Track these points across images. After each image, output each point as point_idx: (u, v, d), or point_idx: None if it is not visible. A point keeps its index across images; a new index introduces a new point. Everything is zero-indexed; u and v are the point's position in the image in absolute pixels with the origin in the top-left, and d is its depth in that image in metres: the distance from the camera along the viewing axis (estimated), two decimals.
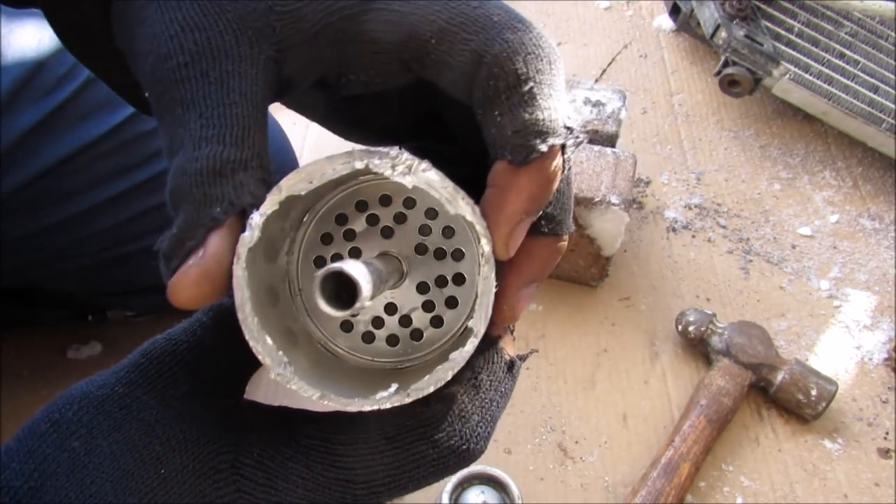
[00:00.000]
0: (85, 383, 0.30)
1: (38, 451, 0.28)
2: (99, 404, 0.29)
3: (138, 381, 0.30)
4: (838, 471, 0.81)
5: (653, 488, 0.76)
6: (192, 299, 0.27)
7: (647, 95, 1.19)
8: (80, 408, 0.29)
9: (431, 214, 0.32)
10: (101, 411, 0.29)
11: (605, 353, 0.90)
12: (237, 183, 0.27)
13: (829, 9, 1.07)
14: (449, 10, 0.29)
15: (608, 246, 0.88)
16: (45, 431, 0.28)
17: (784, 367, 0.83)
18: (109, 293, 0.81)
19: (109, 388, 0.29)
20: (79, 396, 0.29)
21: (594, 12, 1.32)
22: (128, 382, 0.30)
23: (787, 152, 1.12)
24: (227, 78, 0.28)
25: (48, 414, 0.29)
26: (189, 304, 0.27)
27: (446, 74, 0.29)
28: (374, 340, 0.33)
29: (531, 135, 0.28)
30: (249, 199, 0.27)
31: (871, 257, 1.00)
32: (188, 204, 0.27)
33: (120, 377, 0.30)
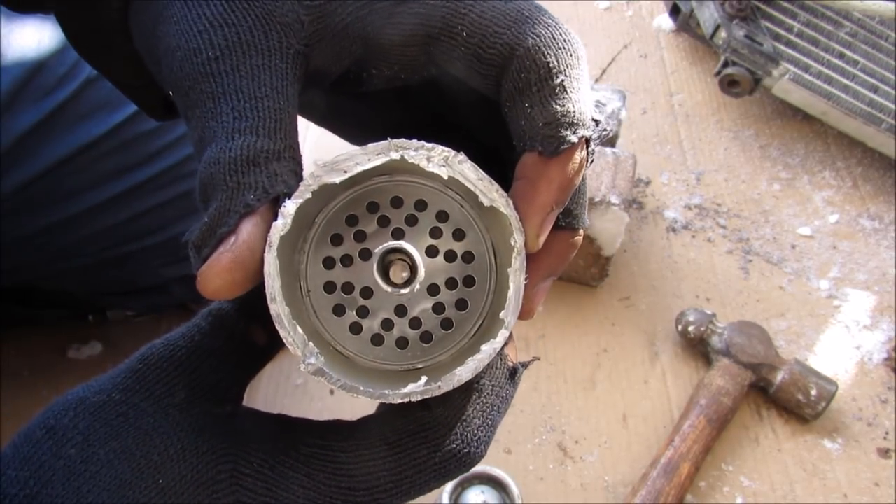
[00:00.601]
0: (81, 388, 0.30)
1: (33, 458, 0.28)
2: (96, 411, 0.29)
3: (136, 387, 0.30)
4: (838, 471, 0.81)
5: (653, 488, 0.76)
6: (222, 288, 0.27)
7: (647, 95, 1.19)
8: (77, 414, 0.28)
9: (442, 217, 0.32)
10: (97, 418, 0.28)
11: (605, 353, 0.90)
12: (271, 172, 0.27)
13: (829, 9, 1.07)
14: (480, 5, 0.29)
15: (608, 246, 0.88)
16: (41, 438, 0.28)
17: (784, 367, 0.83)
18: (110, 293, 0.81)
19: (106, 395, 0.29)
20: (75, 402, 0.29)
21: (594, 12, 1.32)
22: (125, 389, 0.30)
23: (787, 152, 1.12)
24: (259, 72, 0.28)
25: (44, 420, 0.29)
26: (219, 293, 0.27)
27: (475, 67, 0.30)
28: (383, 343, 0.32)
29: (562, 126, 0.28)
30: (283, 188, 0.28)
31: (871, 257, 1.00)
32: (221, 192, 0.27)
33: (117, 383, 0.30)
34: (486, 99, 0.32)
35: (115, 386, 0.30)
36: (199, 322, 0.33)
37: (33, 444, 0.28)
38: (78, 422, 0.28)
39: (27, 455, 0.28)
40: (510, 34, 0.29)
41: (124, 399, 0.29)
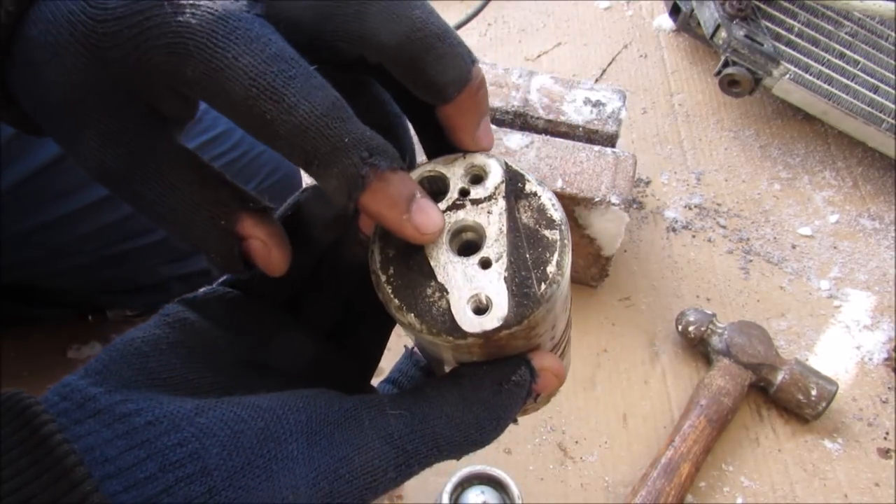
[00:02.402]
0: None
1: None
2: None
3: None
4: (838, 471, 0.81)
5: (653, 488, 0.76)
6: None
7: (647, 95, 1.19)
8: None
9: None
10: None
11: (605, 353, 0.90)
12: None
13: (829, 9, 1.07)
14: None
15: (608, 246, 0.88)
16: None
17: (784, 367, 0.83)
18: (109, 291, 0.81)
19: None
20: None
21: (594, 12, 1.32)
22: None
23: (787, 152, 1.12)
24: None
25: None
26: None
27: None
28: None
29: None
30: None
31: (871, 257, 1.00)
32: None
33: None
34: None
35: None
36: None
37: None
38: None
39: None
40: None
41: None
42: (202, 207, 0.29)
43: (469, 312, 0.28)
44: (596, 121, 0.90)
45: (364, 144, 0.27)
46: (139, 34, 0.27)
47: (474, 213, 0.30)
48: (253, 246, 0.30)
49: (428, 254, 0.29)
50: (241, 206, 0.30)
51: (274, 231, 0.31)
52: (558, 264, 0.29)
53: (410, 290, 0.29)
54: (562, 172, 0.84)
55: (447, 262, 0.29)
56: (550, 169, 0.84)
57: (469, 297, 0.28)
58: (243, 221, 0.30)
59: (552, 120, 0.90)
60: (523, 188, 0.31)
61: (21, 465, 0.24)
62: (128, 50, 0.27)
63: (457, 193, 0.30)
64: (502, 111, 0.91)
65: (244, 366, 0.32)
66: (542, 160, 0.85)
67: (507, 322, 0.28)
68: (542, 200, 0.31)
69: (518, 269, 0.29)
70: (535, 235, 0.30)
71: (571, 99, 0.92)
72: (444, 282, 0.29)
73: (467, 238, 0.30)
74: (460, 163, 0.31)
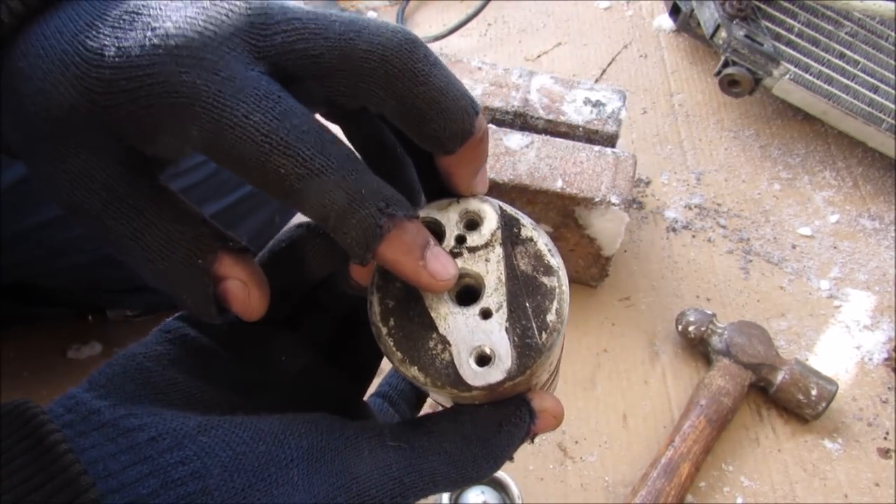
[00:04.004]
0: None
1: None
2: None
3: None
4: (838, 471, 0.81)
5: (653, 488, 0.76)
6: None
7: (647, 95, 1.19)
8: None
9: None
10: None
11: (605, 353, 0.90)
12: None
13: (829, 9, 1.07)
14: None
15: (608, 246, 0.88)
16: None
17: (784, 367, 0.83)
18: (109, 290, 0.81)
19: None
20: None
21: (594, 12, 1.32)
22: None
23: (787, 152, 1.12)
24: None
25: None
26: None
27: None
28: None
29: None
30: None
31: (871, 257, 1.00)
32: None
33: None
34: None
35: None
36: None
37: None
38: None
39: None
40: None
41: None
42: (179, 244, 0.28)
43: (473, 365, 0.28)
44: (596, 121, 0.90)
45: (380, 195, 0.28)
46: (138, 88, 0.26)
47: (472, 261, 0.30)
48: (230, 287, 0.29)
49: (428, 304, 0.29)
50: (220, 244, 0.29)
51: (253, 271, 0.30)
52: (558, 312, 0.29)
53: (412, 342, 0.29)
54: (562, 172, 0.84)
55: (448, 312, 0.29)
56: (550, 169, 0.84)
57: (472, 349, 0.28)
58: (221, 260, 0.29)
59: (552, 120, 0.90)
60: (519, 233, 0.31)
61: (26, 473, 0.24)
62: (123, 100, 0.26)
63: (453, 241, 0.30)
64: (502, 111, 0.91)
65: (243, 382, 0.32)
66: (542, 160, 0.85)
67: (511, 374, 0.28)
68: (538, 246, 0.31)
69: (518, 319, 0.29)
70: (533, 283, 0.30)
71: (571, 99, 0.92)
72: (446, 334, 0.29)
73: (465, 283, 0.30)
74: (454, 208, 0.31)
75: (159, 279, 0.29)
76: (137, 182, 0.28)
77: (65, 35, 0.27)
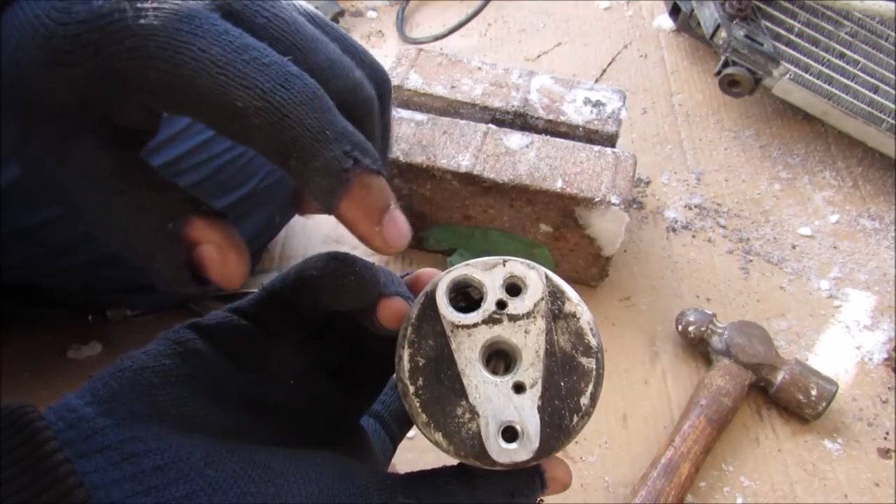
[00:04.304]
0: None
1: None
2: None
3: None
4: (838, 471, 0.81)
5: (653, 488, 0.76)
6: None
7: (647, 95, 1.19)
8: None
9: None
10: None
11: (605, 353, 0.90)
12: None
13: (829, 9, 1.07)
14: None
15: (608, 246, 0.88)
16: None
17: (784, 367, 0.83)
18: (108, 290, 0.81)
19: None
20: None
21: (594, 12, 1.32)
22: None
23: (787, 152, 1.12)
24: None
25: None
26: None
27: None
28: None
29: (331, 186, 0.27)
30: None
31: (871, 257, 1.00)
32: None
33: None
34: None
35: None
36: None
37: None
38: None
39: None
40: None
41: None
42: (148, 211, 0.27)
43: (500, 441, 0.27)
44: (596, 121, 0.90)
45: (346, 138, 0.26)
46: (100, 39, 0.25)
47: (511, 330, 0.28)
48: (206, 252, 0.28)
49: (461, 369, 0.28)
50: (192, 209, 0.28)
51: (229, 234, 0.28)
52: (592, 396, 0.29)
53: (440, 406, 0.28)
54: (562, 172, 0.84)
55: (480, 381, 0.28)
56: (550, 169, 0.84)
57: (501, 424, 0.28)
58: (193, 223, 0.28)
59: (552, 120, 0.90)
60: (563, 306, 0.30)
61: (22, 481, 0.23)
62: (87, 55, 0.26)
63: (494, 305, 0.29)
64: (502, 111, 0.91)
65: (250, 400, 0.32)
66: (542, 160, 0.85)
67: (537, 455, 0.28)
68: (580, 323, 0.30)
69: (552, 399, 0.28)
70: (571, 362, 0.29)
71: (571, 99, 0.92)
72: (476, 403, 0.28)
73: (501, 348, 0.29)
74: (499, 270, 0.29)
75: (131, 249, 0.28)
76: (108, 153, 0.28)
77: (39, 1, 0.26)
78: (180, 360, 0.30)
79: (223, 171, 0.74)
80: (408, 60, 0.96)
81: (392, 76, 0.93)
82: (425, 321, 0.29)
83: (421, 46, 1.08)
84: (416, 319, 0.29)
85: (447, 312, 0.29)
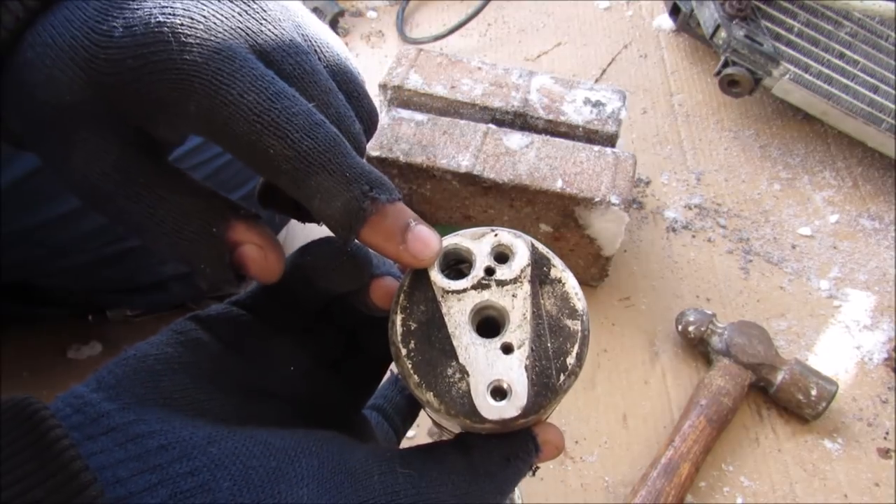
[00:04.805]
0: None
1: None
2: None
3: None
4: (838, 471, 0.81)
5: (653, 488, 0.76)
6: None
7: (647, 95, 1.19)
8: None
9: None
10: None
11: (605, 353, 0.90)
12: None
13: (829, 9, 1.07)
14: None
15: (608, 246, 0.88)
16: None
17: (784, 367, 0.83)
18: (109, 291, 0.81)
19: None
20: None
21: (594, 12, 1.32)
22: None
23: (787, 152, 1.12)
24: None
25: None
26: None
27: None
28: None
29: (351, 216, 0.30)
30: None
31: (871, 257, 1.00)
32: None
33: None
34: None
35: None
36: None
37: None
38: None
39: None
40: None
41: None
42: (193, 216, 0.30)
43: (489, 399, 0.28)
44: (596, 121, 0.90)
45: (364, 178, 0.28)
46: (143, 66, 0.27)
47: (499, 294, 0.30)
48: (247, 252, 0.30)
49: (451, 332, 0.29)
50: (233, 213, 0.30)
51: (267, 235, 0.31)
52: (578, 356, 0.30)
53: (431, 367, 0.29)
54: (562, 172, 0.84)
55: (469, 343, 0.29)
56: (550, 169, 0.84)
57: (490, 383, 0.28)
58: (236, 227, 0.30)
59: (552, 120, 0.90)
60: (548, 273, 0.31)
61: (27, 469, 0.24)
62: (128, 80, 0.27)
63: (482, 272, 0.30)
64: (502, 111, 0.91)
65: (250, 389, 0.32)
66: (542, 160, 0.85)
67: (525, 412, 0.28)
68: (566, 288, 0.31)
69: (539, 358, 0.29)
70: (557, 324, 0.30)
71: (571, 99, 0.92)
72: (466, 364, 0.29)
73: (489, 315, 0.30)
74: (488, 239, 0.31)
75: (177, 252, 0.30)
76: (147, 161, 0.29)
77: (74, 23, 0.28)
78: (182, 348, 0.31)
79: (223, 171, 0.74)
80: (408, 60, 0.96)
81: (392, 76, 0.93)
82: (417, 289, 0.31)
83: (421, 46, 1.08)
84: (408, 287, 0.31)
85: (437, 279, 0.30)
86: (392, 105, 0.93)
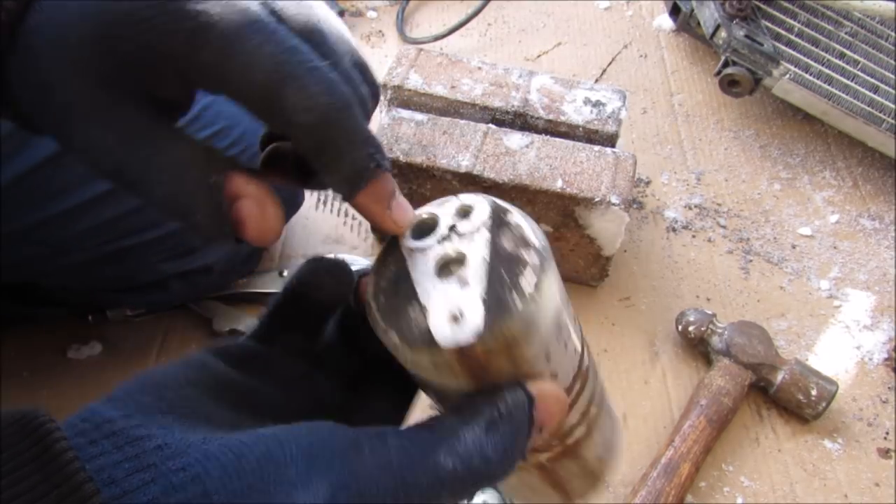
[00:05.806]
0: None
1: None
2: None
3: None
4: (838, 471, 0.81)
5: (653, 488, 0.76)
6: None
7: (647, 95, 1.19)
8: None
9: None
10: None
11: (605, 353, 0.90)
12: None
13: (829, 9, 1.07)
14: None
15: (608, 246, 0.88)
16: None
17: (784, 367, 0.83)
18: (109, 289, 0.81)
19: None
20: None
21: (594, 12, 1.32)
22: None
23: (787, 152, 1.12)
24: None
25: None
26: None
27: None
28: None
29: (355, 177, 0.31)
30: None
31: (871, 257, 1.00)
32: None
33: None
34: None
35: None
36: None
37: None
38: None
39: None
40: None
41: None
42: (192, 166, 0.30)
43: (445, 326, 0.29)
44: (596, 121, 0.90)
45: (371, 142, 0.29)
46: (158, 15, 0.27)
47: (459, 242, 0.31)
48: (245, 209, 0.30)
49: (414, 280, 0.31)
50: (232, 166, 0.31)
51: (266, 188, 0.31)
52: (536, 285, 0.30)
53: (395, 313, 0.31)
54: (562, 172, 0.84)
55: (431, 286, 0.30)
56: (550, 169, 0.84)
57: (446, 313, 0.29)
58: (234, 178, 0.30)
59: (552, 120, 0.90)
60: (507, 220, 0.32)
61: (31, 481, 0.24)
62: (141, 30, 0.27)
63: (446, 229, 0.32)
64: (502, 111, 0.91)
65: (259, 408, 0.32)
66: (542, 160, 0.85)
67: (481, 333, 0.28)
68: (523, 230, 0.31)
69: (496, 289, 0.30)
70: (514, 258, 0.31)
71: (571, 99, 0.92)
72: (425, 303, 0.30)
73: (451, 262, 0.31)
74: (452, 203, 0.33)
75: (173, 202, 0.30)
76: (153, 118, 0.30)
77: None
78: (189, 368, 0.32)
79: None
80: (408, 60, 0.96)
81: (392, 76, 0.93)
82: (389, 255, 0.33)
83: (421, 46, 1.08)
84: (382, 254, 0.33)
85: (405, 241, 0.32)
86: (392, 105, 0.93)
